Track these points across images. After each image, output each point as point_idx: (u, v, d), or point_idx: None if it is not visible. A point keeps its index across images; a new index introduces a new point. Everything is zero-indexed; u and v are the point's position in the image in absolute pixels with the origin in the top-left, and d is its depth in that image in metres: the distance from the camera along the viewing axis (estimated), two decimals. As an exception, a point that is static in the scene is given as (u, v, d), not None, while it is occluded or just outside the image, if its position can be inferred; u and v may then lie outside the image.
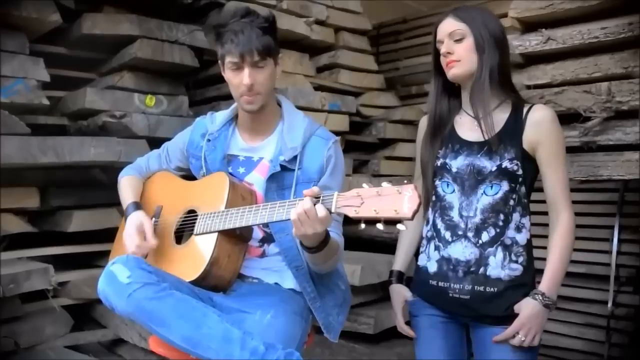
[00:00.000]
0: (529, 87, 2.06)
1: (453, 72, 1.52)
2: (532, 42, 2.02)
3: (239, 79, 1.53)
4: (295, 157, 1.57)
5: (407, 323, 1.70)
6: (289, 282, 1.61)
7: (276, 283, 1.62)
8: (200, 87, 3.04)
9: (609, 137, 1.90)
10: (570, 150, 1.98)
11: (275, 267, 1.63)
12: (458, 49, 1.50)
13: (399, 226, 1.21)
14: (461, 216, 1.53)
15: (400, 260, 1.74)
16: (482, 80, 1.49)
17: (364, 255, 2.89)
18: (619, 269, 2.64)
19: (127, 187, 1.75)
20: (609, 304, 2.59)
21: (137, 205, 1.66)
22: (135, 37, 2.50)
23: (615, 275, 2.62)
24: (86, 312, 2.58)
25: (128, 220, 1.61)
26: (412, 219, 1.19)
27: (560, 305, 2.76)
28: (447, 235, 1.55)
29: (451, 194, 1.56)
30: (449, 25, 1.52)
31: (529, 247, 1.53)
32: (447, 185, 1.57)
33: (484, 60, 1.49)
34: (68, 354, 2.33)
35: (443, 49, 1.52)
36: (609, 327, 2.63)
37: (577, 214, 1.52)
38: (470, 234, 1.51)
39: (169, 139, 1.86)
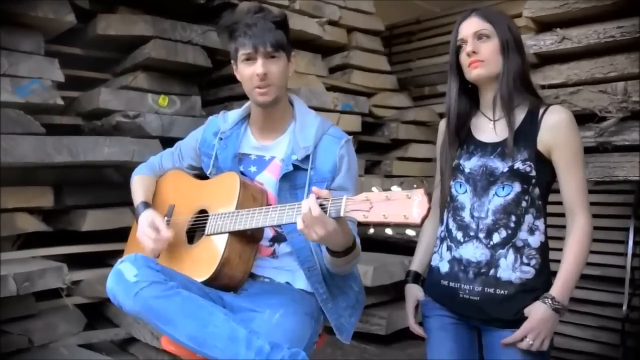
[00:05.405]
0: (543, 87, 2.04)
1: (477, 73, 1.49)
2: (547, 42, 2.01)
3: (251, 70, 1.52)
4: (307, 157, 1.56)
5: (421, 324, 1.69)
6: (300, 282, 1.61)
7: (287, 282, 1.62)
8: (213, 87, 3.06)
9: (624, 138, 1.88)
10: (586, 151, 1.95)
11: (287, 266, 1.63)
12: (483, 49, 1.48)
13: (408, 231, 1.21)
14: (472, 217, 1.51)
15: (417, 261, 1.73)
16: (507, 83, 1.47)
17: (376, 256, 2.88)
18: (634, 272, 2.61)
19: (138, 186, 1.76)
20: (624, 307, 2.56)
21: (147, 205, 1.67)
22: (149, 37, 2.53)
23: (630, 278, 2.58)
24: (99, 311, 2.60)
25: (139, 220, 1.62)
26: (420, 225, 1.18)
27: (574, 308, 2.73)
28: (459, 235, 1.54)
29: (463, 195, 1.54)
30: (474, 24, 1.49)
31: (543, 250, 1.49)
32: (460, 185, 1.55)
33: (509, 63, 1.48)
34: (81, 353, 2.34)
35: (468, 48, 1.48)
36: (623, 331, 2.60)
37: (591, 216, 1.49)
38: (481, 235, 1.50)
39: (182, 139, 1.86)
